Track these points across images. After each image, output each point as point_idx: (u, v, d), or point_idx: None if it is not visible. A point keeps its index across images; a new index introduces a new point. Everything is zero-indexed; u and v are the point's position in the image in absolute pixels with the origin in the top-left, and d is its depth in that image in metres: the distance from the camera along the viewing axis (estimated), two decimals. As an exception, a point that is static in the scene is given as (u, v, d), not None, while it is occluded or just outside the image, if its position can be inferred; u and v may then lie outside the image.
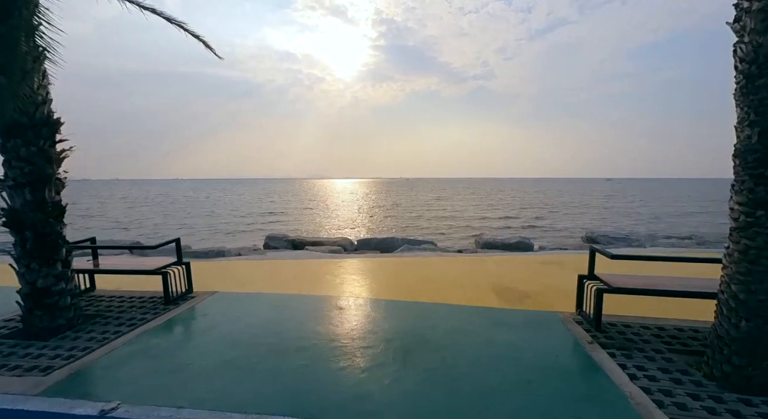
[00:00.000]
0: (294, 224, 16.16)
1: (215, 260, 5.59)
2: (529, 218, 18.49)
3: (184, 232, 13.62)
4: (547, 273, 4.57)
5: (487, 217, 18.58)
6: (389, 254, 6.22)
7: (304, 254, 6.01)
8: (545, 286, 4.00)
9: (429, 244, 7.30)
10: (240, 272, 4.79)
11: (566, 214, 19.75)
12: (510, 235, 9.27)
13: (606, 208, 23.74)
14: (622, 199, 35.87)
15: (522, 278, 4.31)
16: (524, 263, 5.22)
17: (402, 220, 17.53)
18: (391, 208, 26.31)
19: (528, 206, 26.06)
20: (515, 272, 4.63)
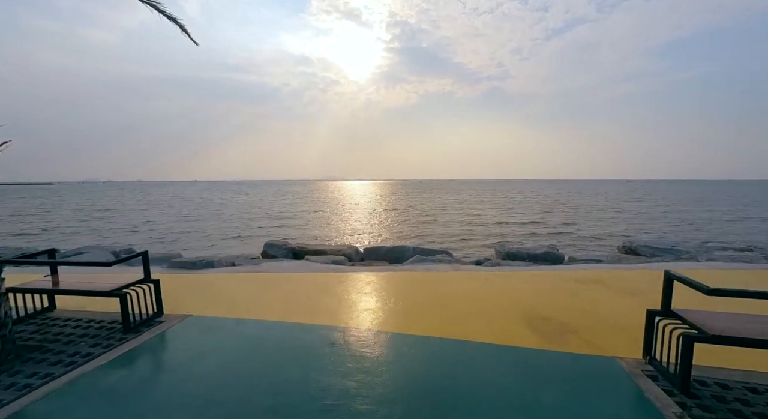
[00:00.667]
0: (301, 229, 15.62)
1: (202, 272, 5.03)
2: (555, 223, 17.00)
3: (186, 237, 13.30)
4: (589, 296, 3.75)
5: (507, 222, 17.37)
6: (398, 267, 5.51)
7: (303, 266, 5.38)
8: (591, 315, 3.20)
9: (443, 254, 6.54)
10: (224, 289, 4.19)
11: (594, 219, 18.20)
12: (534, 243, 8.39)
13: (636, 212, 21.96)
14: (650, 202, 33.74)
15: (559, 303, 3.51)
16: (558, 280, 4.40)
17: (415, 225, 16.65)
18: (404, 211, 25.51)
19: (550, 210, 24.50)
20: (550, 294, 3.83)
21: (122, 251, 6.56)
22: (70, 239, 12.78)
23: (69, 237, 13.11)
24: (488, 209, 27.20)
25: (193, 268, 5.24)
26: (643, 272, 4.75)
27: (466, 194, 57.09)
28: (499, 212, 23.60)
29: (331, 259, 5.87)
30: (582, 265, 5.73)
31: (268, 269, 5.21)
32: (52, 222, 18.12)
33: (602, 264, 5.63)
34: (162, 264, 5.54)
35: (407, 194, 60.60)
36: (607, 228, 14.51)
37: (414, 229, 15.05)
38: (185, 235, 13.90)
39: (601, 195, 51.73)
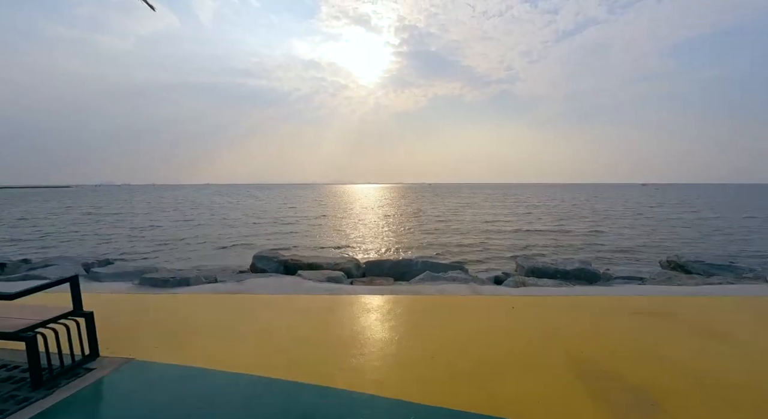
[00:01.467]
0: (302, 236, 14.79)
1: (173, 291, 4.30)
2: (579, 231, 15.37)
3: (182, 245, 12.69)
4: (663, 338, 2.84)
5: (526, 229, 16.12)
6: (404, 286, 4.68)
7: (292, 285, 4.60)
8: (679, 374, 2.29)
9: (457, 270, 5.67)
10: (189, 318, 3.42)
11: (621, 226, 16.50)
12: (559, 254, 7.45)
13: (664, 219, 20.32)
14: (676, 207, 31.92)
15: (624, 351, 2.62)
16: (608, 311, 3.50)
17: (424, 232, 15.60)
18: (412, 217, 24.59)
19: (570, 216, 22.97)
20: (605, 334, 2.94)
21: (96, 263, 5.90)
22: (61, 246, 12.35)
23: (63, 244, 12.70)
24: (502, 214, 26.00)
25: (164, 286, 4.51)
26: (718, 301, 3.80)
27: (476, 198, 55.73)
28: (515, 217, 22.41)
29: (326, 276, 5.07)
30: (629, 287, 4.77)
31: (251, 289, 4.44)
32: (55, 227, 17.91)
33: (655, 287, 4.67)
34: (132, 280, 4.84)
35: (416, 198, 59.63)
36: (639, 238, 13.09)
37: (423, 238, 14.06)
38: (182, 242, 13.32)
39: (618, 199, 49.71)
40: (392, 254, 10.83)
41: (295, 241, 13.57)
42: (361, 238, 14.63)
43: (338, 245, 12.64)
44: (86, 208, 33.58)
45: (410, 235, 14.94)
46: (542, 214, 25.61)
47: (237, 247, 12.24)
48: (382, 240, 14.00)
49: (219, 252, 11.29)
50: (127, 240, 13.87)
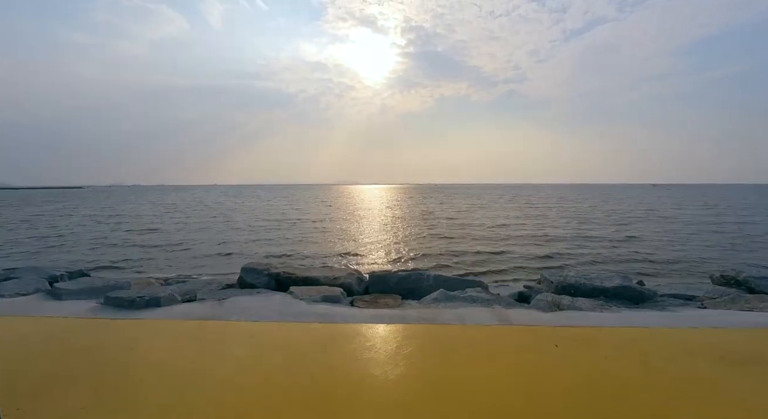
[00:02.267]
0: (300, 242, 13.93)
1: (137, 315, 3.61)
2: (605, 237, 13.77)
3: (175, 251, 12.07)
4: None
5: (543, 234, 15.02)
6: (414, 309, 3.91)
7: (279, 306, 3.87)
8: None
9: (477, 287, 4.88)
10: (137, 361, 2.69)
11: (649, 232, 14.95)
12: (590, 265, 6.59)
13: (697, 223, 18.81)
14: (701, 209, 30.35)
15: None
16: (683, 352, 2.67)
17: (434, 238, 14.59)
18: (420, 219, 23.72)
19: (590, 219, 21.53)
20: (690, 394, 2.10)
21: (65, 275, 5.26)
22: (49, 252, 11.87)
23: (51, 250, 12.22)
24: (515, 216, 24.93)
25: (130, 308, 3.82)
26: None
27: (485, 199, 54.45)
28: (530, 220, 21.32)
29: (322, 294, 4.33)
30: (691, 313, 3.91)
31: (230, 312, 3.71)
32: (54, 230, 17.58)
33: (730, 314, 3.79)
34: (97, 297, 4.17)
35: (423, 199, 58.68)
36: (672, 246, 11.84)
37: (434, 244, 13.09)
38: (177, 247, 12.73)
39: (633, 200, 48.02)
40: (400, 264, 9.96)
41: (294, 247, 12.82)
42: (366, 244, 13.76)
43: (340, 252, 11.81)
44: (91, 209, 33.58)
45: (419, 240, 14.05)
46: (558, 216, 24.47)
47: (232, 254, 11.59)
48: (388, 246, 13.14)
49: (212, 260, 10.65)
50: (121, 246, 13.36)
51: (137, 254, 11.56)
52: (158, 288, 4.39)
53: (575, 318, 3.59)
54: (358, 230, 18.03)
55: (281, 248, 12.40)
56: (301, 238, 15.01)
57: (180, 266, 9.87)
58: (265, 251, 11.68)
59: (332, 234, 16.24)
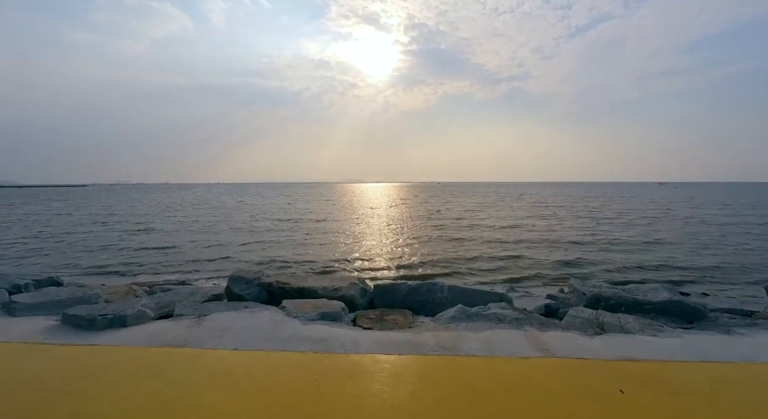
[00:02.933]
0: (299, 245, 13.15)
1: (95, 339, 3.04)
2: (628, 240, 12.52)
3: (165, 255, 11.47)
4: None
5: (561, 237, 14.08)
6: (430, 332, 3.26)
7: (268, 326, 3.26)
8: None
9: (499, 301, 4.22)
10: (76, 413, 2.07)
11: (679, 236, 13.66)
12: (620, 272, 5.87)
13: (721, 224, 17.67)
14: (719, 208, 29.29)
15: None
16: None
17: (444, 240, 13.66)
18: (427, 219, 23.03)
19: (608, 219, 20.50)
20: None
21: (31, 284, 4.69)
22: (31, 256, 11.35)
23: (33, 253, 11.69)
24: (525, 216, 24.10)
25: (89, 328, 3.23)
26: None
27: (492, 198, 53.51)
28: (542, 220, 20.50)
29: (319, 309, 3.70)
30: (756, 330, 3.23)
31: (208, 334, 3.10)
32: (47, 231, 17.13)
33: None
34: (56, 313, 3.59)
35: (428, 197, 57.89)
36: (707, 250, 10.81)
37: (444, 247, 12.25)
38: (170, 250, 12.15)
39: (645, 199, 46.84)
40: (408, 270, 9.23)
41: (293, 250, 12.16)
42: (370, 246, 13.01)
43: (342, 257, 11.09)
44: (90, 208, 33.31)
45: (428, 243, 13.30)
46: (570, 216, 23.61)
47: (228, 258, 10.99)
48: (394, 249, 12.41)
49: (203, 264, 10.04)
50: (112, 247, 12.84)
51: (127, 257, 11.03)
52: (129, 303, 3.79)
53: (630, 345, 2.92)
54: (362, 231, 17.37)
55: (279, 252, 11.75)
56: (301, 240, 14.32)
57: (170, 270, 9.33)
58: (261, 256, 11.03)
59: (334, 235, 15.57)
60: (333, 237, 14.97)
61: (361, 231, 16.95)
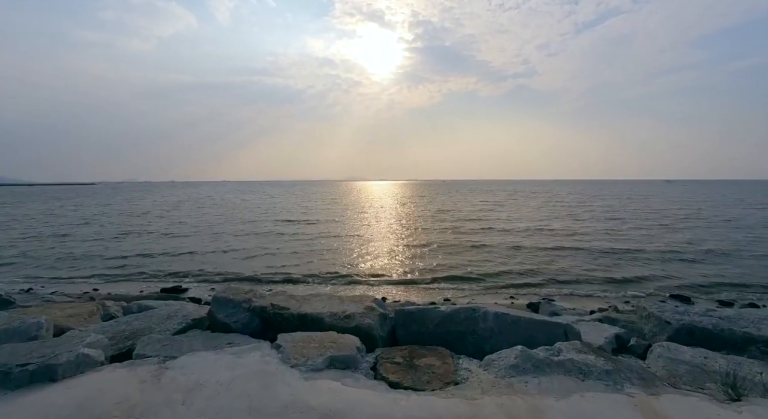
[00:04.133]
0: (303, 254, 11.79)
1: (4, 407, 2.05)
2: (669, 249, 10.91)
3: (147, 262, 10.56)
4: None
5: (589, 240, 12.91)
6: (491, 397, 2.27)
7: (255, 382, 2.32)
8: None
9: (566, 338, 3.21)
10: None
11: (725, 243, 12.25)
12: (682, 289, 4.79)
13: (758, 226, 16.21)
14: (751, 208, 27.68)
15: None
16: None
17: (465, 248, 12.33)
18: (441, 221, 21.87)
19: (639, 221, 18.80)
20: None
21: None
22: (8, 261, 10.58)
23: (11, 258, 10.93)
24: (543, 217, 22.79)
25: (2, 385, 2.28)
26: None
27: (501, 196, 52.12)
28: (563, 221, 19.31)
29: (327, 352, 2.73)
30: None
31: (171, 390, 2.14)
32: (32, 232, 16.44)
33: None
34: None
35: (436, 195, 56.69)
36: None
37: (467, 255, 10.93)
38: (156, 258, 11.21)
39: (662, 197, 45.16)
40: (432, 286, 8.10)
41: (296, 258, 11.12)
42: (384, 255, 11.77)
43: (352, 268, 9.95)
44: (89, 207, 32.82)
45: (449, 250, 12.07)
46: (593, 217, 22.26)
47: (222, 266, 10.07)
48: (412, 259, 11.13)
49: (195, 271, 9.15)
50: (100, 252, 12.03)
51: (114, 262, 10.22)
52: (71, 341, 2.84)
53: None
54: (373, 235, 16.24)
55: (281, 259, 10.72)
56: (306, 245, 13.19)
57: (156, 281, 8.45)
58: (261, 263, 10.06)
59: (342, 241, 14.41)
60: (340, 243, 13.91)
61: (371, 236, 15.76)
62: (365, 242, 14.20)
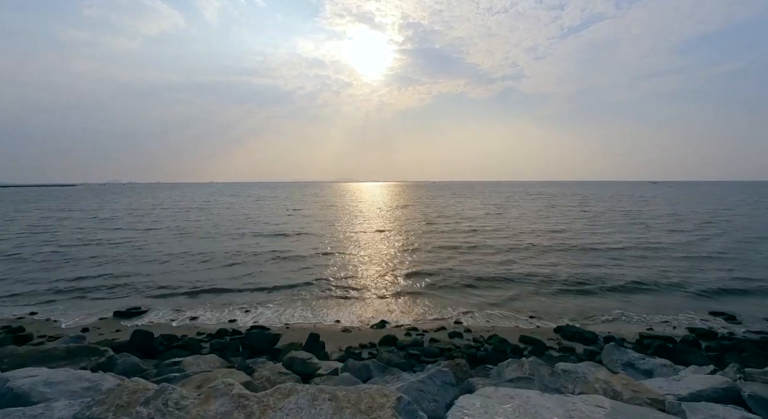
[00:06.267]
0: (286, 271, 10.22)
1: None
2: (751, 258, 10.17)
3: (72, 294, 8.61)
4: None
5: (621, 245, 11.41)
6: None
7: None
8: None
9: None
10: None
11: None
12: None
13: None
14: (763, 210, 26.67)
15: None
16: None
17: (477, 256, 10.97)
18: (438, 225, 20.22)
19: (672, 225, 17.71)
20: None
21: None
22: None
23: None
24: (561, 221, 21.19)
25: None
26: None
27: (499, 198, 51.04)
28: (580, 223, 17.90)
29: None
30: None
31: None
32: None
33: None
34: None
35: (434, 198, 55.17)
36: None
37: (481, 268, 9.51)
38: (111, 273, 9.29)
39: (661, 199, 44.71)
40: (438, 301, 6.37)
41: (274, 278, 9.29)
42: (387, 271, 10.12)
43: (346, 283, 8.32)
44: (50, 212, 30.08)
45: (451, 259, 10.48)
46: (606, 222, 20.81)
47: (180, 292, 8.23)
48: (406, 274, 9.51)
49: (147, 298, 7.32)
50: (36, 270, 10.03)
51: (61, 277, 8.34)
52: None
53: None
54: (372, 244, 14.22)
55: (251, 280, 8.88)
56: (289, 268, 10.76)
57: (111, 299, 6.59)
58: (228, 280, 8.21)
59: (335, 252, 12.43)
60: (333, 256, 12.01)
61: (363, 248, 13.47)
62: (366, 252, 12.37)
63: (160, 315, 7.27)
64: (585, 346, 5.83)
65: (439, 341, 5.95)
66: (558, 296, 8.29)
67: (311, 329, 6.67)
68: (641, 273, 9.55)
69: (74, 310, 7.45)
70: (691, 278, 9.14)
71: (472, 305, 7.89)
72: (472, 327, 6.69)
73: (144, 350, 5.04)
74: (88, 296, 8.27)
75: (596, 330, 6.49)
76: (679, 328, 6.74)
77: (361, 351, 5.48)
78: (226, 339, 6.03)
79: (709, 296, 8.13)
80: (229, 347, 5.49)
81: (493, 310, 7.61)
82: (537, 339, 5.97)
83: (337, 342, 5.89)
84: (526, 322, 7.05)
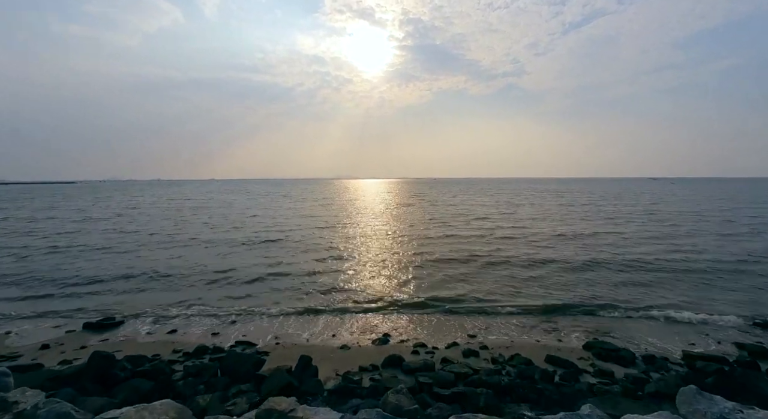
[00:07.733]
0: (269, 280, 9.31)
1: None
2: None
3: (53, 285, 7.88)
4: None
5: (670, 248, 10.34)
6: None
7: None
8: None
9: None
10: None
11: None
12: None
13: None
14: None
15: None
16: None
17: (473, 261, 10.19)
18: (450, 225, 19.37)
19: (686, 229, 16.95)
20: None
21: None
22: None
23: None
24: (587, 218, 20.25)
25: None
26: None
27: (506, 195, 49.97)
28: (607, 223, 16.97)
29: None
30: None
31: None
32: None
33: None
34: None
35: (439, 195, 54.18)
36: None
37: (478, 272, 8.68)
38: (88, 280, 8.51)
39: (673, 197, 43.64)
40: (448, 312, 5.55)
41: (266, 284, 8.46)
42: (388, 274, 9.36)
43: (351, 295, 7.43)
44: (38, 210, 29.37)
45: (459, 267, 9.62)
46: (623, 216, 19.89)
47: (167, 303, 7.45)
48: (422, 280, 8.68)
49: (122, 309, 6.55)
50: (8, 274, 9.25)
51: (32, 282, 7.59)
52: None
53: None
54: (363, 252, 13.39)
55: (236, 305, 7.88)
56: (287, 285, 9.13)
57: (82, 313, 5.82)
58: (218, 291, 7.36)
59: (339, 263, 11.25)
60: (328, 265, 11.18)
61: (365, 256, 12.77)
62: (362, 257, 11.53)
63: (135, 328, 6.51)
64: (624, 369, 5.01)
65: (452, 362, 5.12)
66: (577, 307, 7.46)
67: (304, 345, 5.87)
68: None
69: (41, 320, 6.71)
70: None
71: (488, 315, 7.10)
72: (489, 343, 5.87)
73: (101, 377, 4.25)
74: (58, 304, 7.53)
75: (621, 336, 5.68)
76: (724, 343, 5.94)
77: (362, 377, 4.67)
78: (205, 359, 5.26)
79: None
80: (206, 371, 4.70)
81: (510, 320, 6.85)
82: (567, 360, 5.15)
83: (333, 364, 5.08)
84: (547, 335, 6.27)
